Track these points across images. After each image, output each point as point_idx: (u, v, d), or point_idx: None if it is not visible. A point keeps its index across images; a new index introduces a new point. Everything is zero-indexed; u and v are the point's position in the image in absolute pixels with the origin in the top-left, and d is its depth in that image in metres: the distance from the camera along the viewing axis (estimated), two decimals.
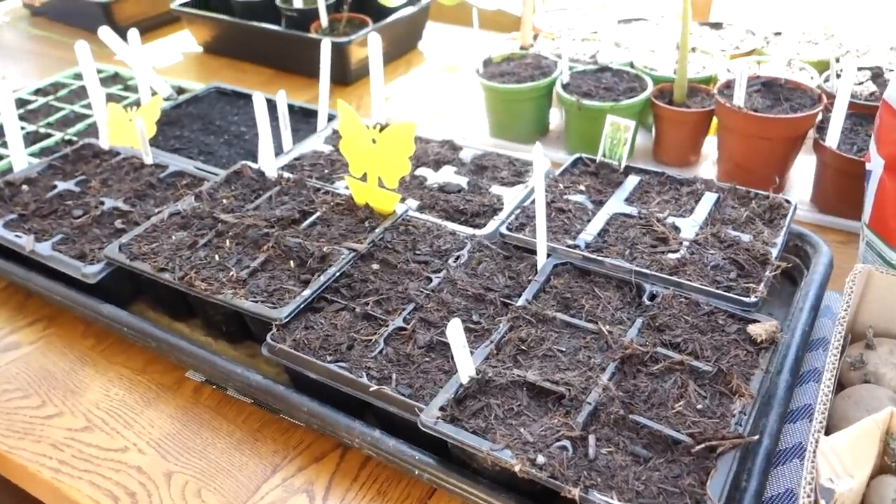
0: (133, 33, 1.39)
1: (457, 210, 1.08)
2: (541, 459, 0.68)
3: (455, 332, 0.74)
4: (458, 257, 0.98)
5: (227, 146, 1.38)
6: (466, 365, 0.77)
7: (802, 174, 1.28)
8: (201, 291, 0.92)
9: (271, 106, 1.49)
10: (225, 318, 0.98)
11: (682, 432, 0.71)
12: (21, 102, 1.60)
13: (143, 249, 1.01)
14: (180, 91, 1.57)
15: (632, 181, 1.10)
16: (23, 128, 1.50)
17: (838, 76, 1.30)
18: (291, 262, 0.97)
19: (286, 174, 1.16)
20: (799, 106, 1.20)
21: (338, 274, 0.94)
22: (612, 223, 1.01)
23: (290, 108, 1.49)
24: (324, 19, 1.78)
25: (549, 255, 0.95)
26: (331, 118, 1.38)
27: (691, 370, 0.78)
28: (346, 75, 1.76)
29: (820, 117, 1.19)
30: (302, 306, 0.89)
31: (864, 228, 0.97)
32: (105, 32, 1.37)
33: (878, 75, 1.34)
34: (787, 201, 1.02)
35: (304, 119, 1.47)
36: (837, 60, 1.40)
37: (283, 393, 0.85)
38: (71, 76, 1.72)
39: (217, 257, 0.99)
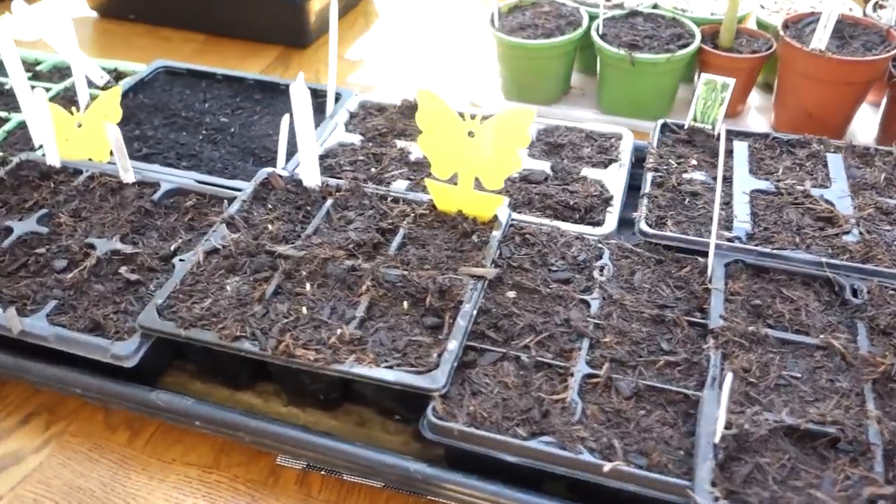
0: (51, 3, 1.05)
1: (566, 206, 0.90)
2: None
3: (729, 386, 0.58)
4: (602, 268, 0.81)
5: (211, 145, 1.09)
6: (721, 420, 0.62)
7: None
8: (311, 363, 0.70)
9: (239, 86, 1.22)
10: (327, 386, 0.76)
11: None
12: None
13: (195, 311, 0.75)
14: (118, 76, 1.24)
15: (740, 148, 0.97)
16: None
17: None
18: (405, 302, 0.76)
19: (331, 181, 0.92)
20: (870, 44, 1.11)
21: (474, 311, 0.75)
22: (755, 204, 0.87)
23: (270, 85, 1.22)
24: None
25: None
26: (337, 98, 1.13)
27: None
28: (304, 36, 1.48)
29: None
30: (456, 364, 0.70)
31: None
32: (19, 5, 1.03)
33: None
34: None
35: (277, 96, 1.20)
36: None
37: (493, 489, 0.66)
38: None
39: (304, 309, 0.75)
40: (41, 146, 1.05)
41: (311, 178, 0.91)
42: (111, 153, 0.99)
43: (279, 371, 0.77)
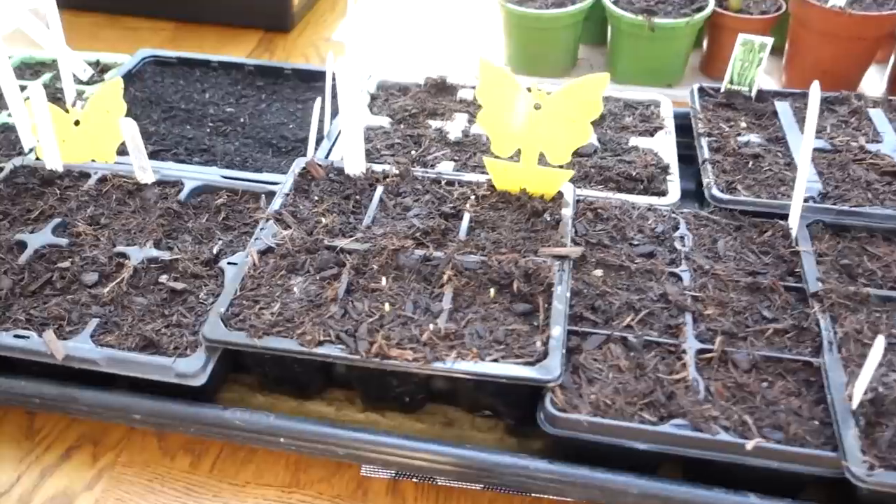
0: None
1: (627, 177, 0.86)
2: None
3: (878, 350, 0.56)
4: (682, 238, 0.78)
5: (222, 137, 1.01)
6: (862, 386, 0.60)
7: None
8: (409, 364, 0.64)
9: (238, 73, 1.13)
10: (416, 387, 0.71)
11: None
12: None
13: (265, 317, 0.68)
14: (102, 69, 1.13)
15: (784, 109, 0.95)
16: None
17: None
18: (491, 290, 0.71)
19: (376, 167, 0.86)
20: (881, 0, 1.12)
21: (567, 294, 0.71)
22: (818, 163, 0.86)
23: (273, 71, 1.14)
24: None
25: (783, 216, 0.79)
26: None
27: None
28: (286, 20, 1.39)
29: None
30: (564, 352, 0.65)
31: None
32: None
33: None
34: None
35: (283, 82, 1.12)
36: None
37: (624, 480, 0.62)
38: None
39: (386, 306, 0.70)
40: (31, 150, 0.95)
41: (355, 165, 0.85)
42: (118, 152, 0.91)
43: (360, 375, 0.71)
